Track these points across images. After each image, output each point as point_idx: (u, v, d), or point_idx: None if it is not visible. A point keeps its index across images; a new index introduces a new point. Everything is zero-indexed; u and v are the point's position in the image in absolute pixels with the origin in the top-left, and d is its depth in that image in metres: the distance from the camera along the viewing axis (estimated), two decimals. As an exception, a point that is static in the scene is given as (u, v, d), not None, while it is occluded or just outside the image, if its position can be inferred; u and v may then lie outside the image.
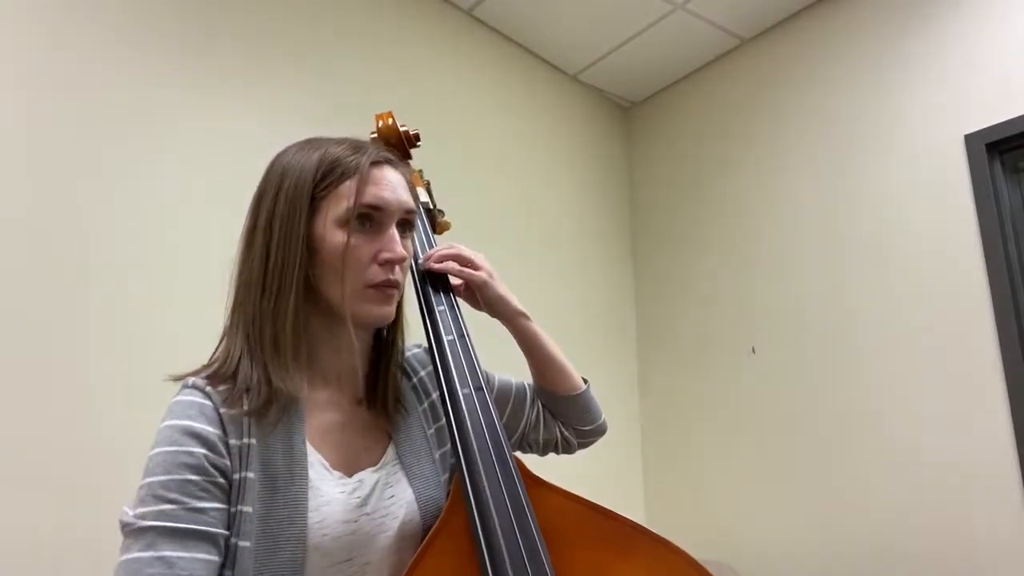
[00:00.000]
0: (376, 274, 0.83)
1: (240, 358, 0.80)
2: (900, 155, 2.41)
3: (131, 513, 0.71)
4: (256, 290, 0.82)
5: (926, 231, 2.30)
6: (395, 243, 0.84)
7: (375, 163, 0.85)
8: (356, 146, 0.87)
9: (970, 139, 2.24)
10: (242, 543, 0.73)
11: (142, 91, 1.90)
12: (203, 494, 0.72)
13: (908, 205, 2.36)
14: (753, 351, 2.74)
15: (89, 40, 1.84)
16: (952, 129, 2.29)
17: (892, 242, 2.39)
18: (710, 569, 0.78)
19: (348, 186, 0.82)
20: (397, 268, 0.84)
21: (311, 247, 0.82)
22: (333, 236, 0.82)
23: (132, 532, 0.70)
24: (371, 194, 0.83)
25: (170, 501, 0.71)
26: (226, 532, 0.73)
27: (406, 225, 0.88)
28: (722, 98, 3.06)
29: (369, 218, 0.83)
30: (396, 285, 0.84)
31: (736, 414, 2.76)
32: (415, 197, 1.08)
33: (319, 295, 0.84)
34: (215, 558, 0.71)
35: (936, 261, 2.26)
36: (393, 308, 0.86)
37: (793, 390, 2.59)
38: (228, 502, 0.74)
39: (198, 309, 0.84)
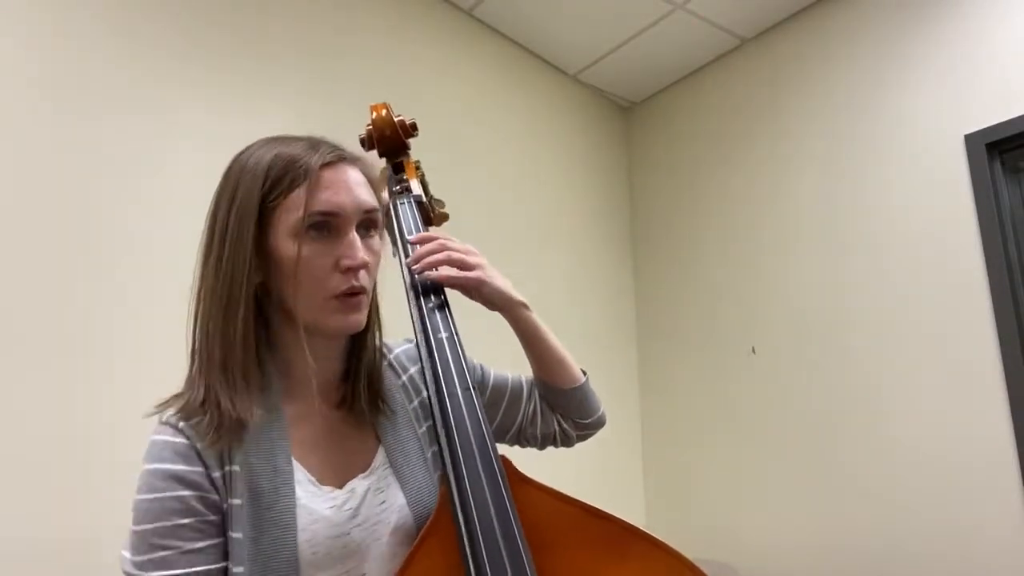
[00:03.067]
0: (339, 283, 0.79)
1: (206, 384, 0.78)
2: (900, 155, 2.41)
3: (129, 559, 0.72)
4: (205, 306, 0.80)
5: (926, 231, 2.30)
6: (355, 249, 0.79)
7: (327, 164, 0.80)
8: (311, 145, 0.82)
9: (970, 139, 2.24)
10: (236, 569, 0.73)
11: (140, 90, 1.90)
12: (196, 535, 0.72)
13: (908, 205, 2.36)
14: (753, 351, 2.74)
15: (88, 37, 1.84)
16: (952, 129, 2.29)
17: (892, 242, 2.38)
18: (710, 569, 0.77)
19: (298, 194, 0.78)
20: (362, 273, 0.80)
21: (268, 260, 0.79)
22: (287, 249, 0.78)
23: None
24: (322, 201, 0.78)
25: (165, 548, 0.71)
26: (225, 563, 0.73)
27: (369, 225, 0.84)
28: (722, 98, 3.06)
29: (326, 225, 0.79)
30: (362, 292, 0.81)
31: (736, 414, 2.76)
32: (405, 188, 1.04)
33: (284, 306, 0.81)
34: None
35: (936, 261, 2.26)
36: (363, 315, 0.82)
37: (793, 390, 2.59)
38: (223, 534, 0.74)
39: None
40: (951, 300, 2.20)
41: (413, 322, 0.90)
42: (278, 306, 0.82)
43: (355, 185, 0.82)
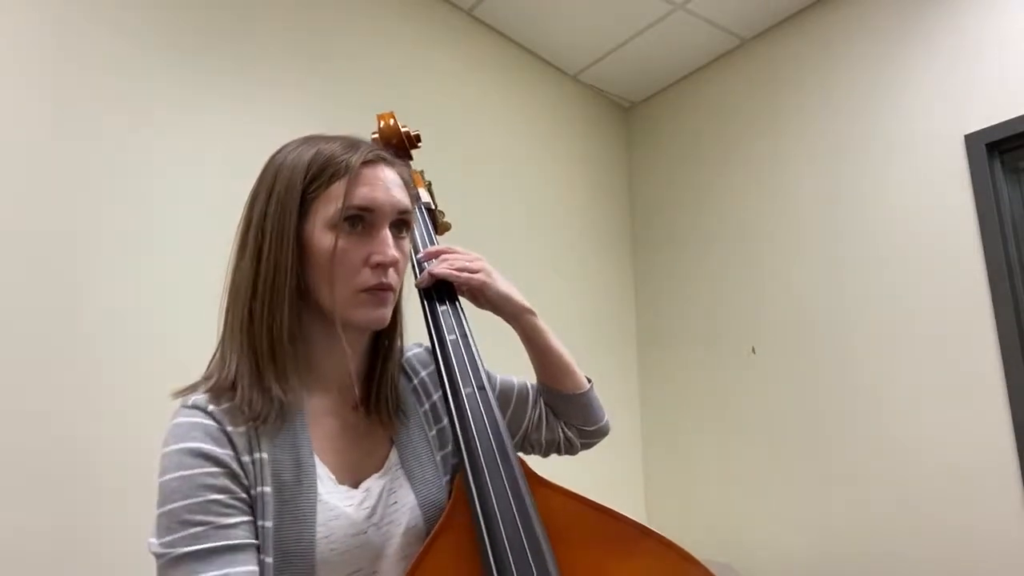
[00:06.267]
0: (368, 278, 0.80)
1: (238, 367, 0.78)
2: (900, 155, 2.41)
3: (157, 543, 0.70)
4: (248, 295, 0.80)
5: (926, 231, 2.30)
6: (387, 245, 0.81)
7: (367, 162, 0.82)
8: (350, 144, 0.84)
9: (970, 139, 2.24)
10: (267, 559, 0.72)
11: (140, 91, 1.90)
12: (229, 511, 0.71)
13: (908, 205, 2.36)
14: (753, 351, 2.74)
15: (87, 38, 1.84)
16: (952, 129, 2.29)
17: (892, 242, 2.39)
18: (710, 569, 0.78)
19: (338, 187, 0.80)
20: (391, 271, 0.82)
21: (303, 251, 0.80)
22: (322, 240, 0.79)
23: (167, 563, 0.69)
24: (361, 195, 0.80)
25: (197, 524, 0.69)
26: (258, 543, 0.72)
27: (402, 225, 0.85)
28: (722, 98, 3.06)
29: (360, 219, 0.81)
30: (390, 288, 0.82)
31: (736, 414, 2.76)
32: (415, 195, 1.08)
33: (313, 299, 0.82)
34: (255, 568, 0.71)
35: (936, 261, 2.26)
36: (389, 311, 0.83)
37: (793, 390, 2.59)
38: (254, 516, 0.73)
39: (198, 311, 0.84)
40: (951, 300, 2.21)
41: (426, 324, 0.91)
42: (308, 299, 0.82)
43: (392, 185, 0.83)
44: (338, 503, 0.78)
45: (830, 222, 2.58)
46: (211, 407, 0.76)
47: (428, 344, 0.95)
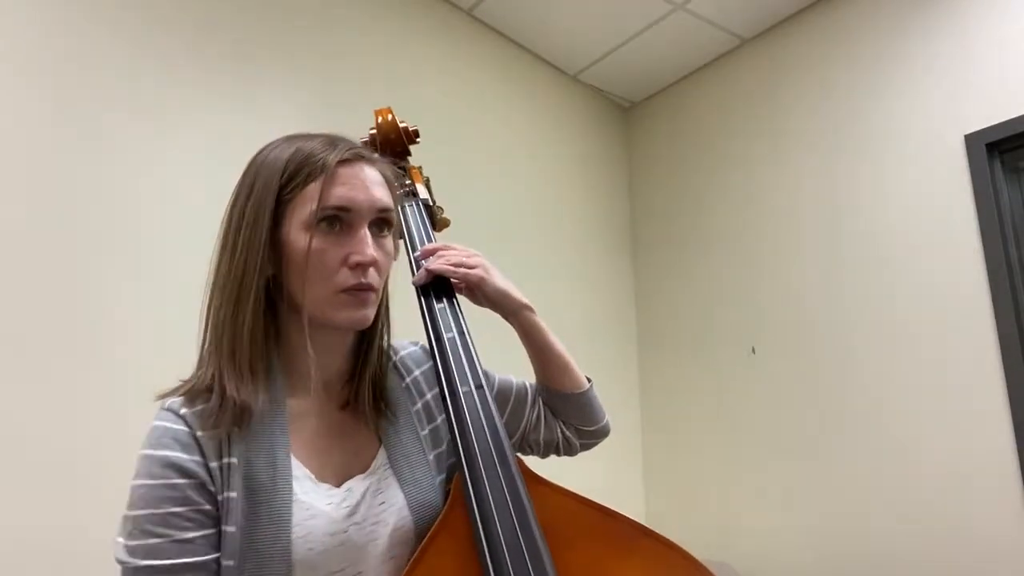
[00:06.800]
0: (347, 278, 0.79)
1: (213, 370, 0.78)
2: (900, 155, 2.41)
3: (122, 544, 0.72)
4: (218, 295, 0.80)
5: (926, 231, 2.30)
6: (365, 245, 0.79)
7: (344, 160, 0.81)
8: (329, 142, 0.83)
9: (970, 139, 2.24)
10: (226, 562, 0.73)
11: (139, 91, 1.90)
12: (188, 524, 0.72)
13: (908, 205, 2.36)
14: (753, 351, 2.74)
15: (87, 38, 1.84)
16: (952, 129, 2.29)
17: (892, 242, 2.38)
18: (710, 569, 0.78)
19: (313, 188, 0.79)
20: (371, 271, 0.80)
21: (280, 252, 0.80)
22: (298, 240, 0.78)
23: (125, 573, 0.72)
24: (336, 195, 0.79)
25: (156, 535, 0.71)
26: (217, 554, 0.73)
27: (383, 224, 0.84)
28: (722, 98, 3.06)
29: (338, 219, 0.80)
30: (371, 288, 0.81)
31: (736, 414, 2.76)
32: (409, 192, 1.06)
33: (294, 302, 0.81)
34: None
35: (936, 261, 2.26)
36: (370, 311, 0.82)
37: (793, 390, 2.59)
38: (217, 525, 0.74)
39: (199, 310, 0.84)
40: (951, 300, 2.21)
41: (424, 322, 0.91)
42: (287, 300, 0.82)
43: (371, 183, 0.82)
44: (315, 502, 0.78)
45: (829, 222, 2.58)
46: (183, 410, 0.76)
47: (425, 342, 0.95)
